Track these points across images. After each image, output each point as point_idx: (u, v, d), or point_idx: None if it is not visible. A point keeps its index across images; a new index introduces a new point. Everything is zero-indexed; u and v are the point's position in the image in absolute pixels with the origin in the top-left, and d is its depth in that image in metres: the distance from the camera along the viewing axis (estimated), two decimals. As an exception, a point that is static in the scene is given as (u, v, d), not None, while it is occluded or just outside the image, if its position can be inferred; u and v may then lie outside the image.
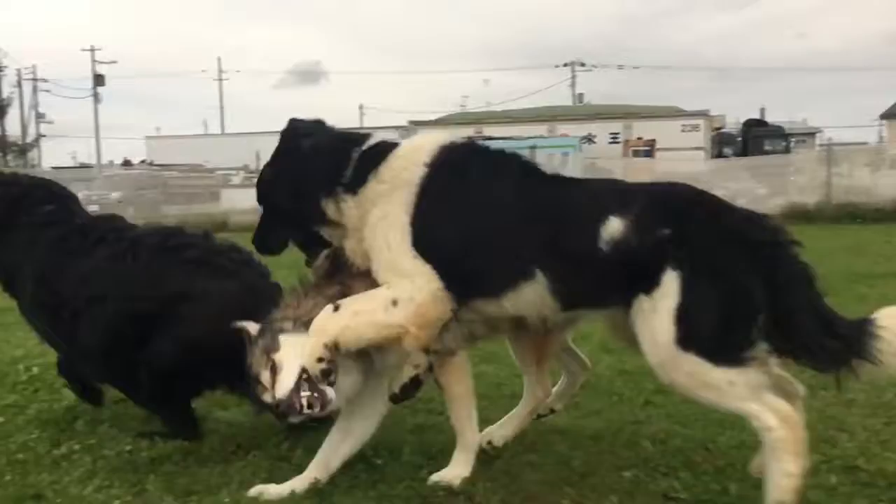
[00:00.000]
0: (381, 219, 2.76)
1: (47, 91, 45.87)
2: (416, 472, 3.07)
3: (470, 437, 3.05)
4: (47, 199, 3.95)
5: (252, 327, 2.84)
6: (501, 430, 3.35)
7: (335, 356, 2.66)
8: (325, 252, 3.03)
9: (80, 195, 17.29)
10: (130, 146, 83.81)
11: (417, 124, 31.41)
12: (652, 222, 2.61)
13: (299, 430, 3.45)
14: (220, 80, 55.13)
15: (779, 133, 31.60)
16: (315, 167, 2.91)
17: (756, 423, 2.52)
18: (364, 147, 2.94)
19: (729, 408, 2.61)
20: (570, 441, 3.43)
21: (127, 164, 36.51)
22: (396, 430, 3.51)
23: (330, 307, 2.71)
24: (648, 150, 26.78)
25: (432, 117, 36.31)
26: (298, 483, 2.92)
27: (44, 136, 43.86)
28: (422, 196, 2.75)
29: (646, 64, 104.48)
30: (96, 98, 47.74)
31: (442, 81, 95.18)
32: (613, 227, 2.59)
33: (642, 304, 2.59)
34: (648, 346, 2.62)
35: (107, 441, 3.50)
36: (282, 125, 3.23)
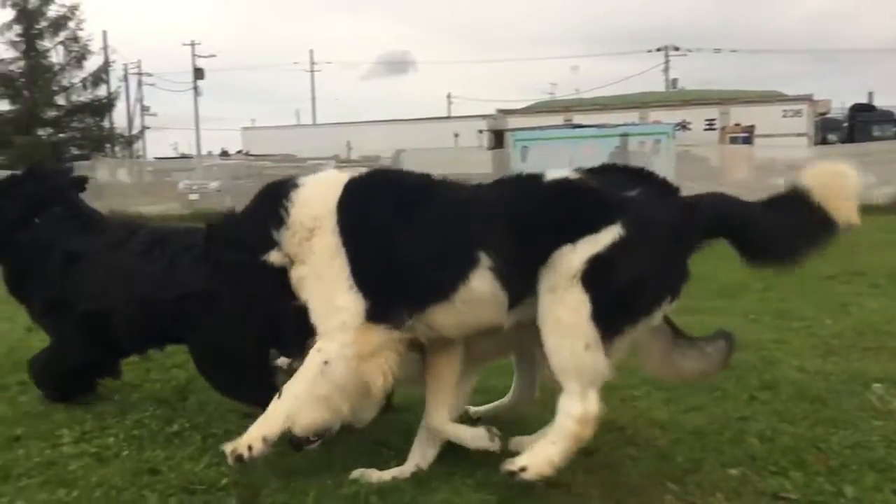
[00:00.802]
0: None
1: (151, 85, 48.02)
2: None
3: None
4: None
5: None
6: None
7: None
8: None
9: (181, 184, 17.92)
10: (228, 137, 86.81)
11: (505, 113, 31.26)
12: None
13: (400, 412, 3.55)
14: (312, 71, 56.32)
15: (888, 118, 29.79)
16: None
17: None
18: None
19: None
20: (671, 436, 3.34)
21: (224, 154, 37.80)
22: (494, 419, 3.51)
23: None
24: (747, 136, 25.70)
25: (520, 105, 36.02)
26: (398, 470, 2.97)
27: (148, 127, 45.99)
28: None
29: (744, 47, 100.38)
30: (196, 91, 49.72)
31: (529, 69, 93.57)
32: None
33: None
34: None
35: (215, 420, 3.64)
36: (372, 115, 3.26)
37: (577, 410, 2.56)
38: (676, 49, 48.29)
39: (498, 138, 27.92)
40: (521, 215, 2.69)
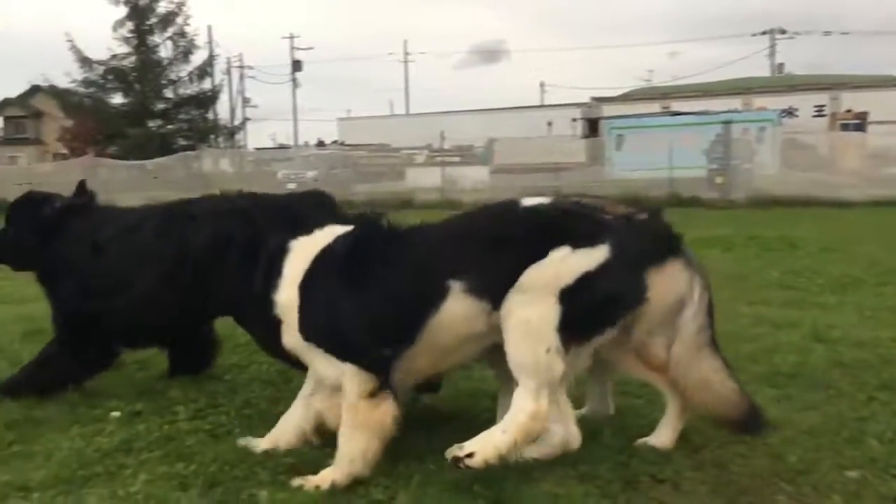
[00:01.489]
0: None
1: (252, 77, 49.85)
2: (617, 455, 3.01)
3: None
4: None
5: None
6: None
7: None
8: None
9: (280, 174, 18.46)
10: (324, 127, 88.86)
11: (600, 101, 30.70)
12: None
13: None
14: (406, 62, 56.86)
15: None
16: None
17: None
18: None
19: None
20: (783, 434, 3.20)
21: (321, 144, 38.74)
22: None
23: None
24: (859, 123, 24.33)
25: (615, 93, 35.27)
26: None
27: (249, 119, 47.70)
28: None
29: (856, 29, 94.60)
30: (294, 83, 51.12)
31: (625, 56, 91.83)
32: None
33: None
34: None
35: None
36: (465, 104, 3.27)
37: (530, 407, 2.71)
38: (783, 32, 46.18)
39: (592, 127, 27.49)
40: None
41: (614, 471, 2.88)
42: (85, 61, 34.15)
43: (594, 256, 2.75)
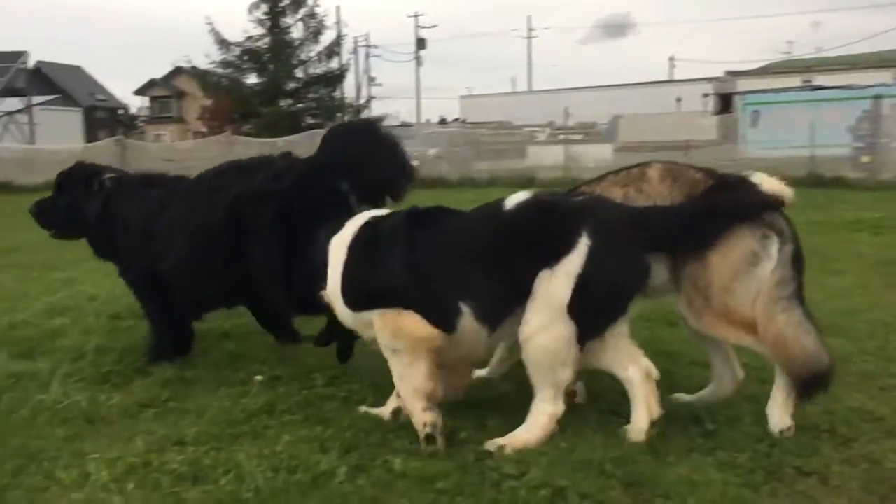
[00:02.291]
0: None
1: (377, 56, 50.85)
2: (757, 444, 2.90)
3: None
4: None
5: None
6: None
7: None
8: None
9: (405, 151, 18.36)
10: (446, 105, 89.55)
11: (735, 75, 29.27)
12: None
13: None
14: (529, 38, 56.26)
15: None
16: None
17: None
18: None
19: None
20: (945, 432, 2.97)
21: (442, 122, 39.08)
22: (732, 398, 3.34)
23: None
24: None
25: (751, 67, 33.50)
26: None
27: (374, 97, 48.66)
28: None
29: None
30: (418, 61, 51.66)
31: (762, 27, 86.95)
32: None
33: None
34: None
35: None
36: (589, 81, 3.21)
37: (550, 410, 2.98)
38: (941, -2, 42.20)
39: (725, 102, 26.29)
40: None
41: (755, 460, 2.77)
42: (223, 43, 35.84)
43: (575, 262, 2.85)
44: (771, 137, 19.97)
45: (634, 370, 3.05)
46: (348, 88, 41.63)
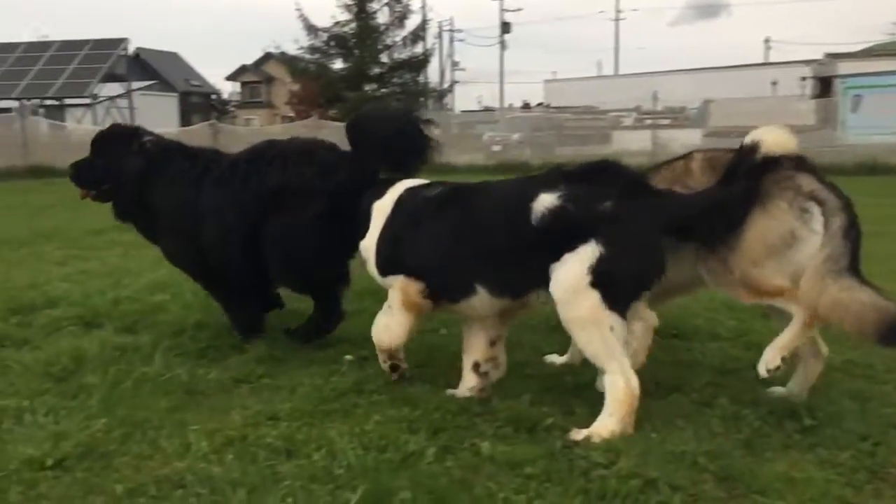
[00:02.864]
0: None
1: (461, 41, 50.74)
2: (860, 443, 2.78)
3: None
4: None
5: None
6: None
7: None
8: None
9: (485, 136, 18.63)
10: (530, 90, 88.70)
11: (835, 57, 27.88)
12: None
13: (725, 375, 3.42)
14: (617, 20, 55.02)
15: None
16: None
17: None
18: None
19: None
20: None
21: (525, 106, 38.75)
22: (833, 395, 3.22)
23: None
24: None
25: (854, 48, 31.82)
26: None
27: (457, 82, 48.74)
28: None
29: None
30: (502, 45, 51.30)
31: (865, 7, 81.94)
32: None
33: None
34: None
35: (533, 363, 3.78)
36: (679, 64, 3.13)
37: (621, 384, 2.91)
38: None
39: (824, 86, 25.09)
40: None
41: (858, 459, 2.67)
42: (311, 29, 36.57)
43: (592, 250, 2.90)
44: (872, 123, 18.99)
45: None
46: (432, 73, 41.78)
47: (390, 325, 3.44)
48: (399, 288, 3.38)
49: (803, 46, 71.35)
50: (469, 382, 3.41)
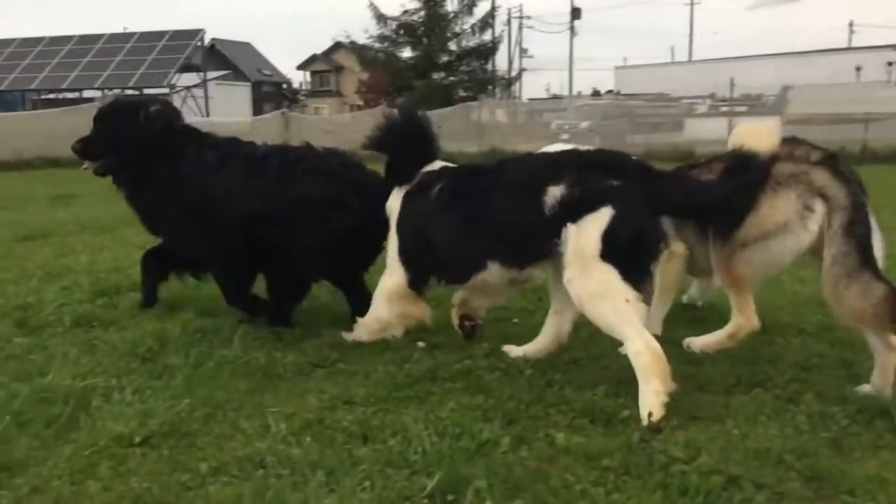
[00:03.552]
0: None
1: (530, 27, 50.21)
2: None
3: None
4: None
5: None
6: None
7: None
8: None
9: (553, 124, 18.42)
10: (600, 77, 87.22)
11: (925, 41, 26.53)
12: None
13: (810, 371, 3.31)
14: (692, 4, 53.58)
15: None
16: None
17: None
18: None
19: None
20: None
21: (595, 94, 38.18)
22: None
23: None
24: None
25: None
26: None
27: (525, 69, 48.30)
28: None
29: None
30: (572, 31, 50.60)
31: (960, -14, 77.06)
32: None
33: None
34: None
35: (610, 354, 3.72)
36: (756, 49, 3.07)
37: (639, 346, 2.97)
38: None
39: (912, 71, 23.88)
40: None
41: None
42: (380, 18, 36.90)
43: (602, 218, 3.05)
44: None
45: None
46: (500, 61, 41.55)
47: (379, 305, 3.91)
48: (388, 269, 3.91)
49: (890, 30, 67.93)
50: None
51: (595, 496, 2.36)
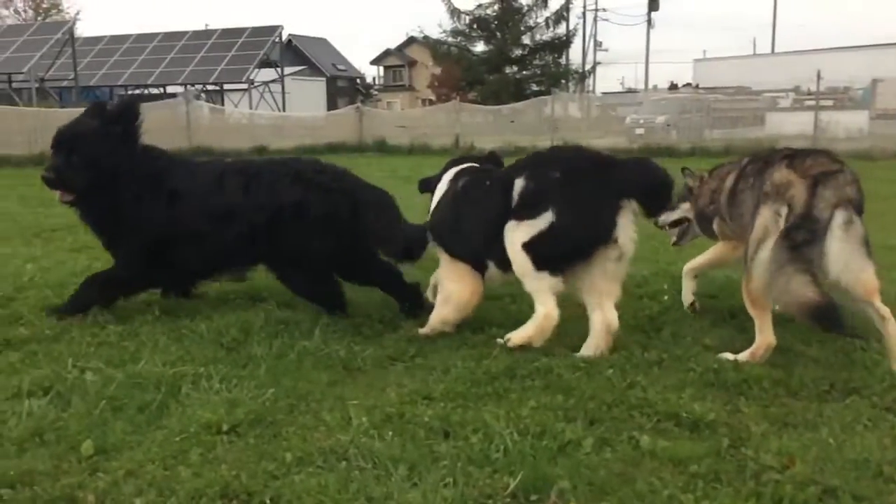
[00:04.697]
0: None
1: (605, 20, 49.33)
2: None
3: None
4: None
5: None
6: None
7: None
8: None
9: (628, 119, 18.14)
10: (677, 70, 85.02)
11: None
12: None
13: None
14: (774, -6, 51.68)
15: None
16: None
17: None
18: None
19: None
20: None
21: (673, 87, 37.29)
22: None
23: None
24: None
25: None
26: None
27: (599, 63, 47.54)
28: None
29: None
30: (649, 23, 49.53)
31: None
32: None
33: None
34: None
35: (693, 356, 3.62)
36: (844, 40, 2.92)
37: (541, 311, 3.69)
38: None
39: None
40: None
41: None
42: (454, 12, 36.82)
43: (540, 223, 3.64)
44: None
45: (598, 315, 3.71)
46: (574, 54, 41.01)
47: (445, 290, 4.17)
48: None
49: None
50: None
51: (684, 503, 2.30)
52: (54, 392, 3.21)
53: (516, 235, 3.69)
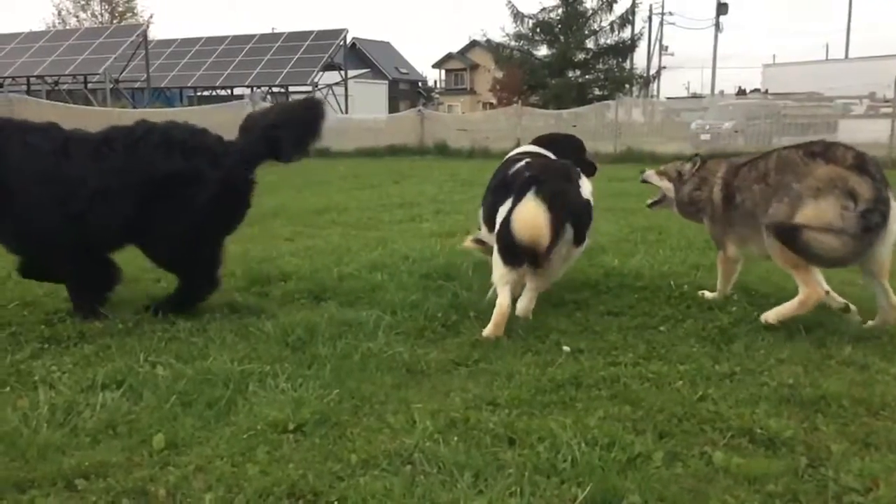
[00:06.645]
0: None
1: (672, 24, 48.46)
2: None
3: None
4: None
5: None
6: None
7: None
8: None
9: (693, 124, 17.76)
10: (746, 75, 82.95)
11: None
12: None
13: None
14: (849, -3, 49.98)
15: None
16: None
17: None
18: None
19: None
20: None
21: (741, 93, 36.39)
22: None
23: None
24: None
25: None
26: None
27: (664, 67, 46.76)
28: None
29: None
30: (717, 27, 48.47)
31: None
32: None
33: None
34: None
35: (767, 368, 3.50)
36: None
37: (502, 301, 4.03)
38: None
39: None
40: None
41: None
42: (517, 16, 36.74)
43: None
44: None
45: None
46: (638, 58, 40.43)
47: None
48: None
49: None
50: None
51: (761, 523, 2.21)
52: (127, 385, 3.28)
53: None
